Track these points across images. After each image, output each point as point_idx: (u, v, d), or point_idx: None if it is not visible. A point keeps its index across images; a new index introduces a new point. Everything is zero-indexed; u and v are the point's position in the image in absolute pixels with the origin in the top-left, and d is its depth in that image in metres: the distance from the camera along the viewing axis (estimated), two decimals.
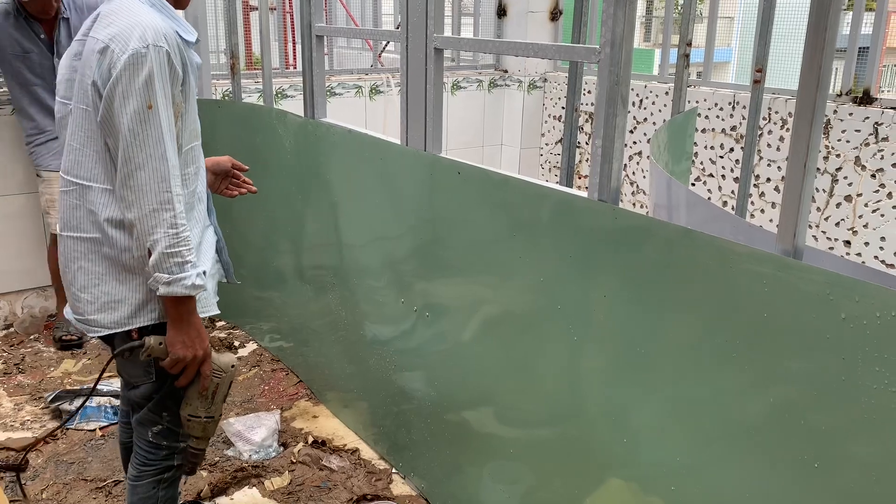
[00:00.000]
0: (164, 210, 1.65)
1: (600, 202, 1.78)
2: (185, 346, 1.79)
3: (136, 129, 1.61)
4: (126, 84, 1.60)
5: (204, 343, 1.84)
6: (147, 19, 1.65)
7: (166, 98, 1.65)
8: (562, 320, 1.92)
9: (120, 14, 1.67)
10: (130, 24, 1.63)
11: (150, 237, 1.65)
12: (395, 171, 2.51)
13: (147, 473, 2.00)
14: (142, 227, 1.65)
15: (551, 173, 5.25)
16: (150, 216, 1.64)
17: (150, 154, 1.63)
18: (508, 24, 5.21)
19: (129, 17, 1.65)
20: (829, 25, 1.33)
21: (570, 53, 1.91)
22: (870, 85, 3.51)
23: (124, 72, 1.60)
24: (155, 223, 1.65)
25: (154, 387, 1.90)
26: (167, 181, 1.65)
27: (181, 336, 1.78)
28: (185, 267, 1.69)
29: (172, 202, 1.66)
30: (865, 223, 3.50)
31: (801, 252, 1.45)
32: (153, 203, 1.64)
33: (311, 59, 2.92)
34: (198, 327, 1.81)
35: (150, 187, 1.64)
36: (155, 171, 1.64)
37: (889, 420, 1.31)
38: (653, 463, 1.76)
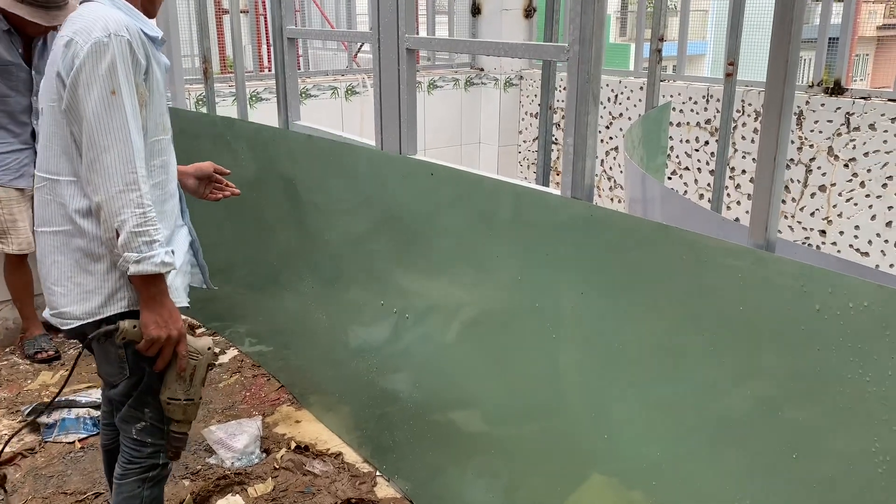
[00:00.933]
0: (130, 191, 1.67)
1: (574, 199, 1.78)
2: (159, 326, 1.81)
3: (100, 113, 1.65)
4: (89, 71, 1.65)
5: (177, 323, 1.85)
6: (110, 13, 1.71)
7: (129, 85, 1.69)
8: (540, 318, 1.92)
9: (84, 13, 1.74)
10: (93, 18, 1.69)
11: (117, 218, 1.67)
12: (371, 173, 2.50)
13: (132, 471, 2.00)
14: (108, 208, 1.67)
15: (530, 170, 5.25)
16: (116, 198, 1.67)
17: (116, 137, 1.66)
18: (483, 21, 5.21)
19: (92, 14, 1.72)
20: (795, 18, 1.34)
21: (539, 52, 1.91)
22: (841, 75, 3.55)
23: (87, 59, 1.65)
24: (121, 204, 1.67)
25: (131, 383, 1.92)
26: (132, 163, 1.67)
27: (153, 316, 1.80)
28: (153, 245, 1.71)
29: (138, 182, 1.68)
30: (840, 212, 3.53)
31: (773, 245, 1.45)
32: (119, 184, 1.66)
33: (284, 61, 2.90)
34: (170, 308, 1.83)
35: (116, 168, 1.66)
36: (120, 154, 1.66)
37: (864, 409, 1.32)
38: (633, 458, 1.77)
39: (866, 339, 1.30)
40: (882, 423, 1.30)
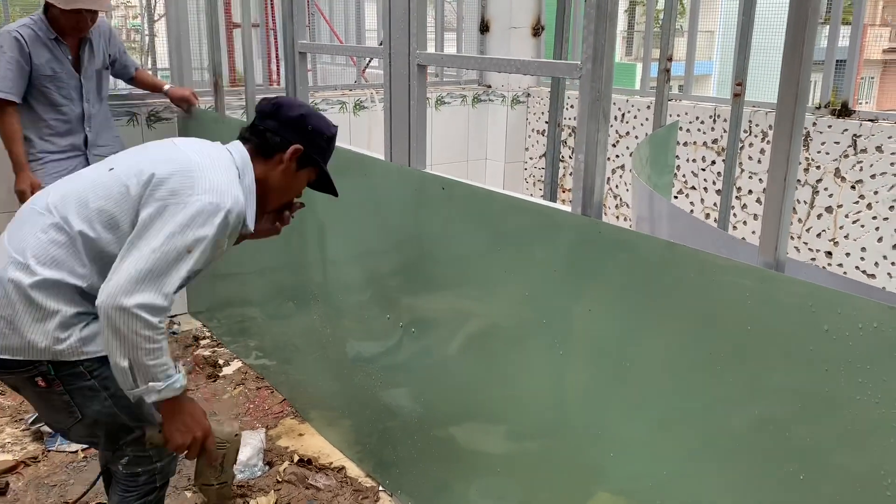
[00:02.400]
0: (145, 324, 1.69)
1: (583, 216, 1.78)
2: (182, 432, 1.84)
3: (167, 253, 1.70)
4: (188, 222, 1.72)
5: (201, 424, 1.87)
6: (237, 192, 1.81)
7: (202, 255, 1.74)
8: (547, 334, 1.92)
9: (221, 166, 1.84)
10: (226, 185, 1.79)
11: (128, 337, 1.68)
12: (380, 186, 2.51)
13: (131, 499, 2.00)
14: (117, 318, 1.67)
15: (535, 187, 5.27)
16: (126, 319, 1.67)
17: (160, 273, 1.70)
18: (491, 39, 5.24)
19: (227, 178, 1.82)
20: (807, 40, 1.34)
21: (551, 69, 1.92)
22: (848, 97, 3.56)
23: (196, 212, 1.72)
24: (132, 329, 1.68)
25: (87, 424, 1.91)
26: (159, 308, 1.70)
27: (175, 425, 1.83)
28: (168, 373, 1.75)
29: (155, 324, 1.70)
30: (846, 234, 3.53)
31: (783, 264, 1.45)
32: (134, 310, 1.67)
33: (295, 75, 2.93)
34: (189, 412, 1.85)
35: (141, 292, 1.68)
36: (150, 288, 1.69)
37: (872, 431, 1.31)
38: (639, 477, 1.76)
39: (875, 360, 1.30)
40: (890, 445, 1.29)
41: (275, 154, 1.95)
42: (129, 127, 3.87)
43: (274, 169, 1.96)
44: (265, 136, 1.95)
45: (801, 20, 1.35)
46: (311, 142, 1.97)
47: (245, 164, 1.91)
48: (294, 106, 1.98)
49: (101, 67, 3.37)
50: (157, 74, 4.47)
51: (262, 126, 1.96)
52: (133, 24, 15.95)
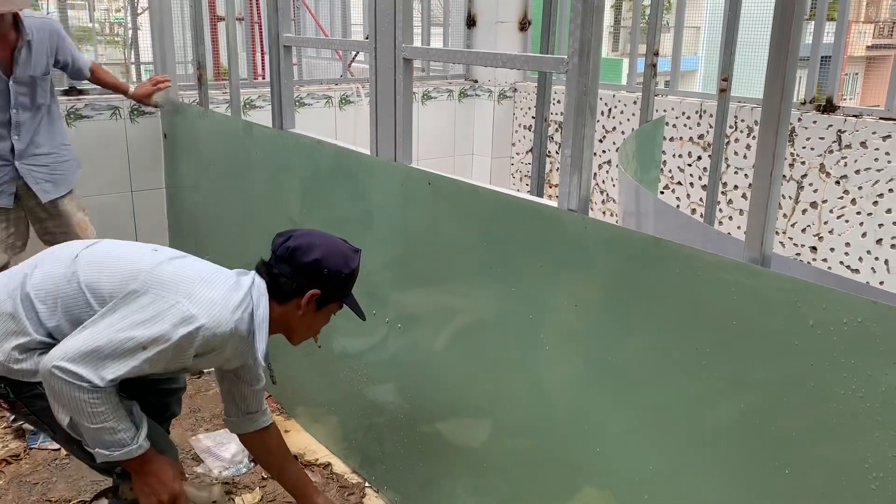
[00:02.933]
0: (92, 398, 1.69)
1: (570, 212, 1.78)
2: (146, 494, 1.85)
3: (120, 341, 1.69)
4: (158, 318, 1.71)
5: (167, 486, 1.86)
6: (224, 319, 1.79)
7: (159, 357, 1.72)
8: (533, 330, 1.92)
9: (217, 293, 1.82)
10: (212, 309, 1.77)
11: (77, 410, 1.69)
12: (365, 181, 2.49)
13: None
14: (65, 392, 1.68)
15: (522, 182, 5.26)
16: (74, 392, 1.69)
17: (113, 356, 1.70)
18: (478, 33, 5.22)
19: (234, 297, 1.84)
20: (793, 36, 1.34)
21: (538, 63, 1.92)
22: (833, 93, 3.57)
23: (173, 315, 1.72)
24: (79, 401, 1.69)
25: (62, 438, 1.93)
26: (105, 380, 1.69)
27: (140, 485, 1.85)
28: (126, 440, 1.76)
29: (101, 399, 1.70)
30: (831, 229, 3.55)
31: (768, 260, 1.46)
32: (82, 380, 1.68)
33: (279, 69, 2.90)
34: (156, 473, 1.84)
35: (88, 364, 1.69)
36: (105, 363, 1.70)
37: (857, 425, 1.32)
38: (626, 471, 1.76)
39: (860, 354, 1.30)
40: (875, 439, 1.30)
41: (292, 298, 1.95)
42: (112, 121, 3.83)
43: (293, 312, 1.97)
44: (280, 280, 1.94)
45: (788, 16, 1.35)
46: (328, 284, 1.95)
47: (260, 297, 1.91)
48: (309, 249, 1.93)
49: (42, 74, 3.07)
50: (140, 69, 4.43)
51: (277, 270, 1.95)
52: (116, 18, 15.80)
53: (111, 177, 3.88)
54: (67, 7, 4.16)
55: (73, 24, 4.98)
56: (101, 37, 9.55)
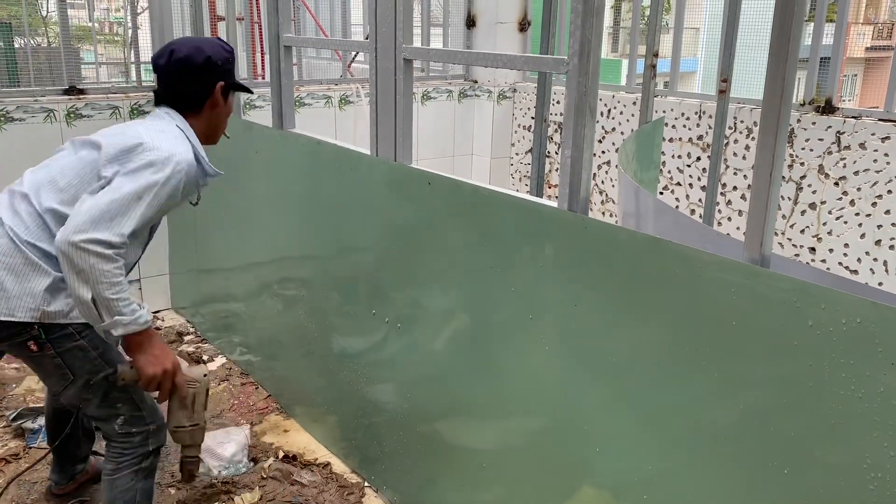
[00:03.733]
0: (105, 255, 1.80)
1: (570, 212, 1.78)
2: (152, 364, 1.94)
3: (123, 195, 1.84)
4: (140, 170, 1.88)
5: (169, 357, 1.98)
6: (183, 147, 1.97)
7: (153, 202, 1.88)
8: (533, 329, 1.92)
9: (165, 129, 2.01)
10: (171, 142, 1.96)
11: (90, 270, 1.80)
12: (365, 181, 2.49)
13: (125, 464, 2.09)
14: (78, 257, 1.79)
15: (521, 182, 5.27)
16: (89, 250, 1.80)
17: (119, 212, 1.83)
18: (477, 34, 5.23)
19: (171, 136, 1.99)
20: (793, 38, 1.35)
21: (538, 64, 1.92)
22: (832, 94, 3.58)
23: (146, 164, 1.88)
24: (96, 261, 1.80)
25: (79, 385, 2.02)
26: (121, 235, 1.82)
27: (145, 357, 1.93)
28: (133, 307, 1.86)
29: (116, 253, 1.82)
30: (829, 230, 3.55)
31: (768, 260, 1.46)
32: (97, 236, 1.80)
33: (280, 69, 2.90)
34: (158, 346, 1.95)
35: (104, 221, 1.81)
36: (113, 219, 1.83)
37: (855, 426, 1.32)
38: (625, 471, 1.77)
39: (858, 355, 1.31)
40: (873, 439, 1.31)
41: (204, 103, 2.11)
42: (112, 121, 3.83)
43: (209, 114, 2.14)
44: (188, 94, 2.09)
45: (787, 18, 1.36)
46: (226, 72, 2.13)
47: (185, 126, 2.08)
48: (195, 53, 2.07)
49: None
50: (140, 68, 4.43)
51: (180, 88, 2.09)
52: (116, 18, 15.80)
53: None
54: (67, 6, 4.16)
55: (72, 24, 4.97)
56: (100, 36, 9.55)
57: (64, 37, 3.96)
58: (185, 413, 2.09)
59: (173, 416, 2.09)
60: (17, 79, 3.97)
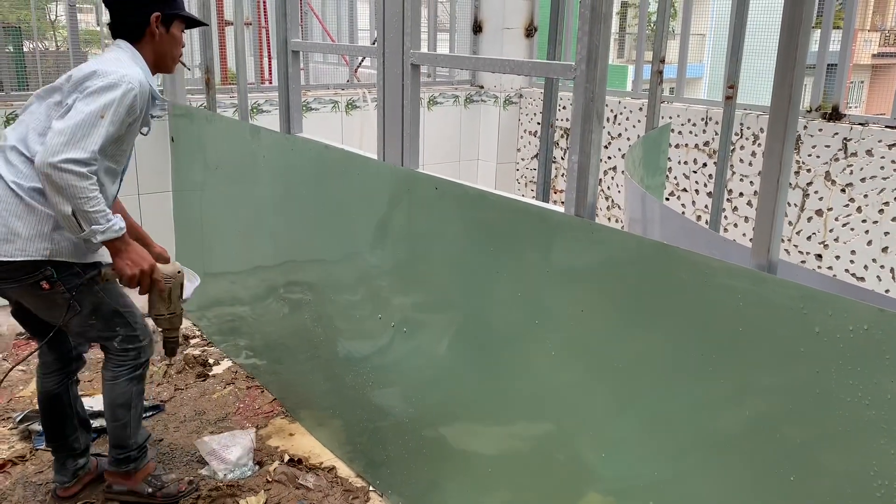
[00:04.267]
0: (81, 173, 2.04)
1: (577, 217, 1.79)
2: (130, 266, 2.22)
3: (85, 116, 2.06)
4: (98, 92, 2.10)
5: (145, 259, 2.25)
6: (133, 70, 2.20)
7: (115, 119, 2.11)
8: (539, 335, 1.92)
9: (115, 57, 2.25)
10: (121, 66, 2.18)
11: (68, 188, 2.03)
12: (372, 186, 2.50)
13: (123, 373, 2.40)
14: (58, 177, 2.03)
15: (527, 188, 5.27)
16: (66, 170, 2.03)
17: (85, 132, 2.06)
18: (484, 40, 5.24)
19: (121, 62, 2.22)
20: (800, 45, 1.35)
21: (546, 70, 1.93)
22: (838, 101, 3.58)
23: (102, 87, 2.10)
24: (72, 181, 2.04)
25: (84, 314, 2.28)
26: (91, 151, 2.06)
27: (124, 261, 2.21)
28: (109, 218, 2.11)
29: (89, 169, 2.06)
30: (836, 237, 3.55)
31: (775, 266, 1.46)
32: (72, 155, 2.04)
33: (287, 74, 2.92)
34: (136, 250, 2.24)
35: (76, 144, 2.05)
36: (83, 140, 2.06)
37: (863, 433, 1.32)
38: (631, 477, 1.76)
39: (866, 362, 1.30)
40: (880, 446, 1.30)
41: (145, 32, 2.31)
42: None
43: (151, 42, 2.33)
44: (128, 24, 2.31)
45: (795, 24, 1.36)
46: (163, 2, 2.31)
47: (134, 53, 2.30)
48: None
49: None
50: None
51: (122, 20, 2.31)
52: None
53: None
54: (76, 11, 4.18)
55: (80, 28, 5.00)
56: (108, 40, 9.61)
57: (73, 41, 3.99)
58: (163, 304, 2.39)
59: (153, 307, 2.39)
60: (27, 82, 3.99)
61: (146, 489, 2.52)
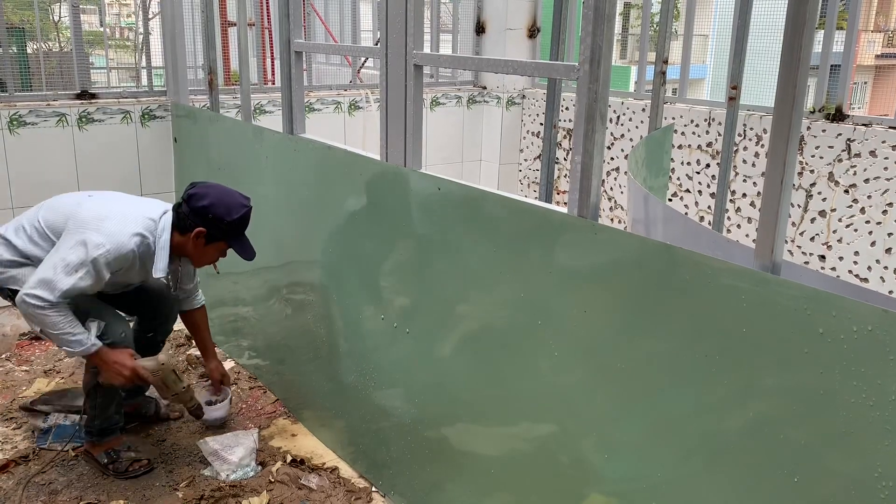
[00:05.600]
0: (46, 304, 2.33)
1: (580, 218, 1.78)
2: (114, 376, 2.52)
3: (61, 258, 2.35)
4: (80, 247, 2.36)
5: (125, 366, 2.50)
6: (122, 239, 2.41)
7: (86, 275, 2.35)
8: (542, 335, 1.92)
9: (124, 219, 2.48)
10: (113, 237, 2.39)
11: (39, 317, 2.34)
12: (375, 186, 2.50)
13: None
14: (31, 308, 2.34)
15: (530, 188, 5.27)
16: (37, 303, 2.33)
17: (56, 276, 2.33)
18: (487, 40, 5.24)
19: (118, 234, 2.42)
20: (804, 46, 1.35)
21: (549, 71, 1.92)
22: (842, 102, 3.57)
23: (86, 243, 2.35)
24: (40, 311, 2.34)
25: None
26: (54, 293, 2.32)
27: (107, 371, 2.51)
28: (79, 339, 2.39)
29: (53, 303, 2.33)
30: (839, 238, 3.54)
31: (778, 267, 1.46)
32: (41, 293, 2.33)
33: (290, 75, 2.92)
34: (115, 361, 2.49)
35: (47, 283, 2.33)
36: (52, 280, 2.33)
37: (866, 434, 1.32)
38: (634, 478, 1.76)
39: (869, 363, 1.30)
40: (885, 447, 1.30)
41: (188, 231, 2.53)
42: (124, 125, 3.86)
43: (188, 242, 2.55)
44: (181, 217, 2.53)
45: (799, 25, 1.36)
46: (213, 226, 2.51)
47: (165, 228, 2.52)
48: (203, 197, 2.50)
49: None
50: (151, 73, 4.46)
51: (181, 210, 2.53)
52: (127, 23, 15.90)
53: (121, 180, 3.91)
54: (80, 11, 4.19)
55: (84, 29, 5.02)
56: (111, 41, 9.61)
57: (76, 42, 3.99)
58: (166, 390, 2.61)
59: (160, 394, 2.65)
60: (30, 83, 4.00)
61: (103, 459, 2.74)
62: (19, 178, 3.67)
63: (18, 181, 3.67)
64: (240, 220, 2.55)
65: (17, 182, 3.66)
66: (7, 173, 3.64)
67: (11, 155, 3.64)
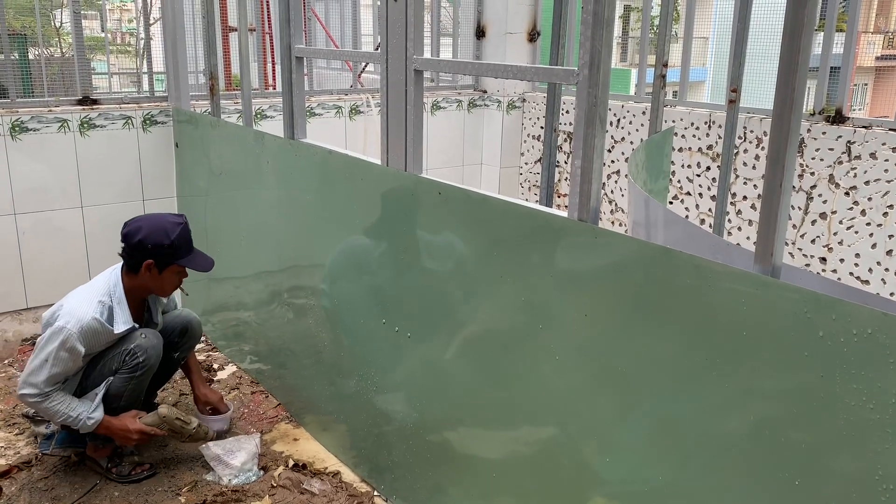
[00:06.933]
0: (39, 396, 2.54)
1: (580, 222, 1.79)
2: (123, 441, 2.71)
3: (41, 351, 2.54)
4: (49, 339, 2.53)
5: (130, 429, 2.66)
6: (82, 311, 2.55)
7: (57, 361, 2.51)
8: (543, 340, 1.92)
9: (83, 295, 2.63)
10: (74, 314, 2.53)
11: (41, 407, 2.58)
12: (376, 191, 2.51)
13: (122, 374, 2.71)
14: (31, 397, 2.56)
15: (531, 192, 5.27)
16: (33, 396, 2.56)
17: (38, 370, 2.52)
18: (487, 44, 5.25)
19: (78, 301, 2.59)
20: (803, 48, 1.35)
21: (549, 75, 1.93)
22: (842, 104, 3.57)
23: (52, 332, 2.52)
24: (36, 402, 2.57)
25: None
26: (40, 384, 2.52)
27: (117, 438, 2.71)
28: (77, 418, 2.58)
29: (42, 395, 2.54)
30: (840, 240, 3.54)
31: (778, 270, 1.46)
32: (32, 389, 2.55)
33: (291, 80, 2.93)
34: (118, 428, 2.66)
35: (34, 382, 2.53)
36: (36, 379, 2.53)
37: (867, 437, 1.32)
38: (635, 482, 1.76)
39: (870, 366, 1.30)
40: (885, 450, 1.30)
41: (139, 269, 2.63)
42: (125, 130, 3.87)
43: (143, 277, 2.65)
44: (126, 259, 2.65)
45: (798, 27, 1.36)
46: (157, 254, 2.61)
47: (116, 283, 2.65)
48: (136, 231, 2.60)
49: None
50: (152, 78, 4.47)
51: (123, 252, 2.65)
52: (128, 28, 15.94)
53: (123, 185, 3.92)
54: (81, 17, 4.20)
55: (85, 35, 5.03)
56: (113, 46, 9.63)
57: (78, 47, 4.00)
58: (178, 436, 2.78)
59: (175, 439, 2.83)
60: (32, 89, 4.01)
61: (106, 463, 2.79)
62: (21, 185, 3.68)
63: (21, 187, 3.67)
64: (180, 239, 2.64)
65: (19, 188, 3.67)
66: (9, 179, 3.64)
67: (14, 161, 3.64)
